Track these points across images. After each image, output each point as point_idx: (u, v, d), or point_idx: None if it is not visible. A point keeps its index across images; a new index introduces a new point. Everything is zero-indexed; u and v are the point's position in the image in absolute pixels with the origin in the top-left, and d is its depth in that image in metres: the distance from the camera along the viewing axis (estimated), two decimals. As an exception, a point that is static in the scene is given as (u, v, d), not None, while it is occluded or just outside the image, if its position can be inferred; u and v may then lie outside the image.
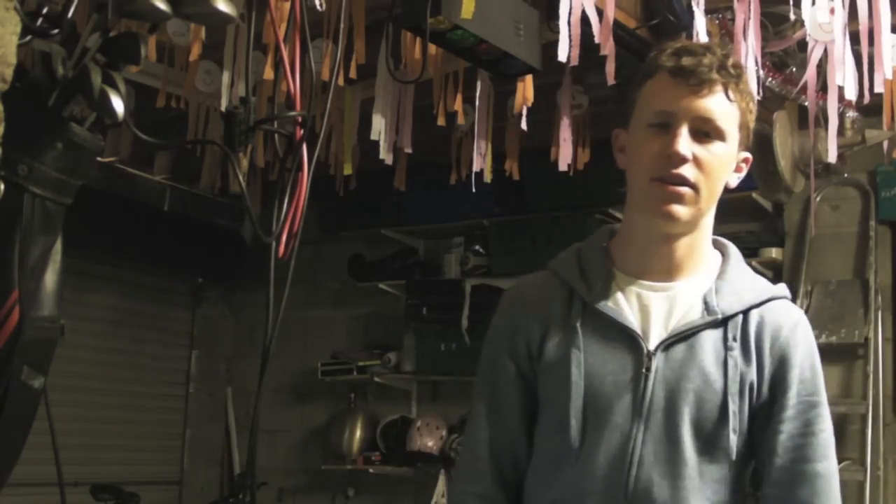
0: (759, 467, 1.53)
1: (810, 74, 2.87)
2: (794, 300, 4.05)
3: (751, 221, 4.41)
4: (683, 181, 1.47)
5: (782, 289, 1.59)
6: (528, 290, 1.64)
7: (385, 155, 3.13)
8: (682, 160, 1.46)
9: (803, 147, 3.61)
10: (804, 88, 2.98)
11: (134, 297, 5.56)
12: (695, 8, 2.73)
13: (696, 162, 1.47)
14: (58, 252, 1.46)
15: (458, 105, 3.12)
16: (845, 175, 3.97)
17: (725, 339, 1.50)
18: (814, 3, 2.72)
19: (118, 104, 1.41)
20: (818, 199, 4.07)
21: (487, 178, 3.36)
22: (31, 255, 1.41)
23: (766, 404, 1.50)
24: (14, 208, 1.38)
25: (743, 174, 1.60)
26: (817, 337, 4.36)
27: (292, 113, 1.74)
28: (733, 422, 1.47)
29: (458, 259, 4.90)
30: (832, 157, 3.03)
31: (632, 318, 1.52)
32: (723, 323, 1.51)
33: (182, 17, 1.56)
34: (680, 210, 1.48)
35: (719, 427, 1.47)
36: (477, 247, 4.86)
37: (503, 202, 4.62)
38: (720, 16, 3.08)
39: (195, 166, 4.17)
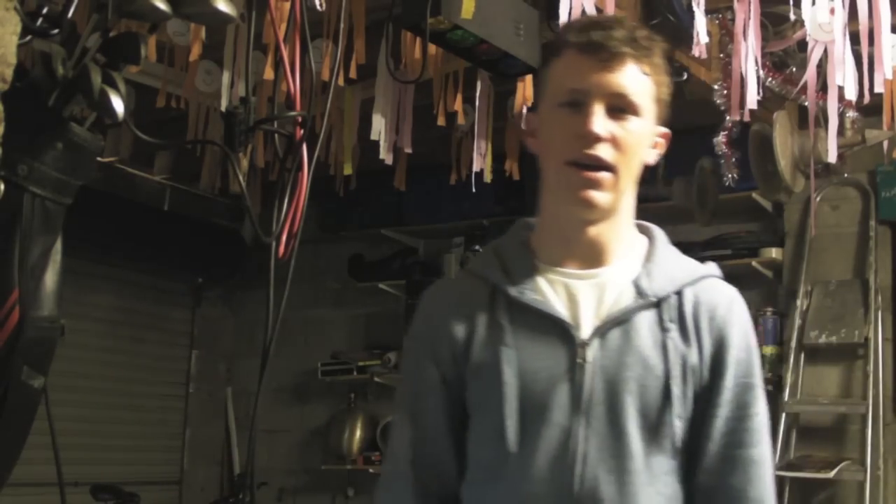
0: (692, 452, 1.43)
1: (810, 74, 2.87)
2: (794, 300, 4.12)
3: (751, 221, 4.41)
4: (600, 163, 1.39)
5: (713, 268, 1.51)
6: (447, 292, 1.56)
7: (385, 155, 3.13)
8: (598, 139, 1.38)
9: (803, 147, 3.60)
10: (804, 88, 2.98)
11: (134, 297, 5.56)
12: (695, 8, 2.72)
13: (613, 141, 1.40)
14: (58, 252, 1.46)
15: (458, 105, 3.12)
16: (845, 175, 3.97)
17: (661, 321, 1.42)
18: (814, 3, 2.71)
19: (118, 104, 1.41)
20: (818, 199, 4.07)
21: (487, 178, 3.36)
22: (31, 255, 1.41)
23: (706, 387, 1.42)
24: (14, 208, 1.38)
25: (661, 150, 1.51)
26: (817, 337, 4.36)
27: (292, 113, 1.74)
28: (678, 407, 1.39)
29: (458, 259, 4.90)
30: (832, 157, 3.03)
31: (561, 309, 1.43)
32: (656, 305, 1.43)
33: (182, 17, 1.56)
34: (598, 196, 1.40)
35: (664, 414, 1.39)
36: (477, 247, 4.86)
37: (503, 202, 4.62)
38: (720, 16, 3.08)
39: (195, 166, 4.16)
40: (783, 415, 4.00)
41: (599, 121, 1.39)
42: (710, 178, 3.98)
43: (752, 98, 2.82)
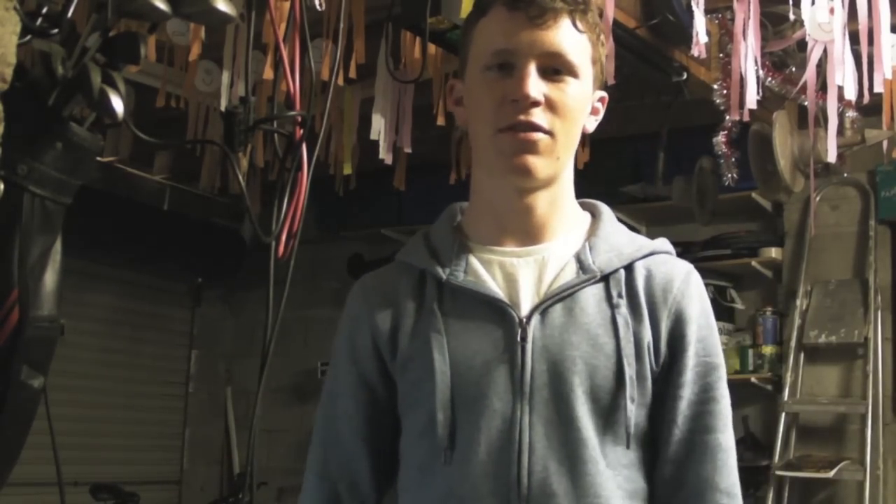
0: (653, 437, 1.30)
1: (810, 74, 2.88)
2: (793, 300, 4.12)
3: (750, 221, 4.41)
4: (536, 128, 1.25)
5: (665, 243, 1.38)
6: (371, 284, 1.41)
7: (385, 155, 3.13)
8: (533, 104, 1.25)
9: (803, 147, 3.61)
10: (804, 88, 2.99)
11: (134, 297, 5.56)
12: (695, 8, 2.73)
13: (549, 104, 1.26)
14: (58, 252, 1.46)
15: (457, 105, 3.11)
16: (845, 175, 3.97)
17: (609, 296, 1.29)
18: (813, 2, 2.72)
19: (118, 104, 1.41)
20: (818, 198, 4.07)
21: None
22: (31, 255, 1.41)
23: (665, 368, 1.29)
24: (14, 208, 1.38)
25: (600, 116, 1.38)
26: (817, 336, 4.36)
27: (292, 113, 1.74)
28: (630, 389, 1.24)
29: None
30: (832, 156, 3.03)
31: (496, 288, 1.30)
32: (603, 281, 1.30)
33: (182, 16, 1.56)
34: (535, 161, 1.26)
35: (617, 397, 1.25)
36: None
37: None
38: (720, 16, 3.09)
39: (195, 166, 4.17)
40: (783, 414, 4.01)
41: (534, 83, 1.25)
42: (710, 178, 3.98)
43: (752, 98, 2.82)
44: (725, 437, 1.30)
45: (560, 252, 1.33)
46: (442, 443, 1.26)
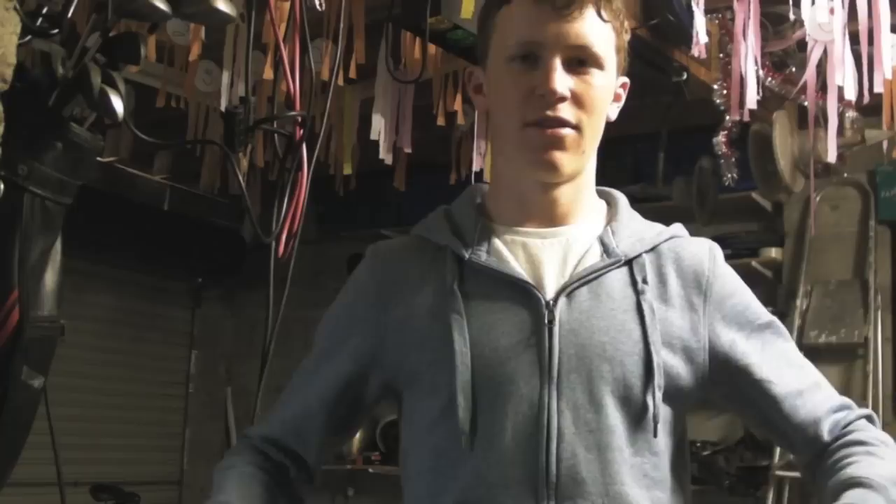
0: (755, 416, 1.32)
1: (810, 74, 2.87)
2: (793, 300, 4.12)
3: (751, 221, 4.42)
4: (563, 123, 1.24)
5: (681, 228, 1.37)
6: (388, 255, 1.38)
7: (385, 155, 3.13)
8: (560, 99, 1.23)
9: (803, 147, 3.61)
10: (804, 88, 2.98)
11: (134, 297, 5.56)
12: (695, 8, 2.73)
13: (575, 98, 1.25)
14: (58, 252, 1.46)
15: (458, 105, 3.12)
16: (845, 175, 3.97)
17: (634, 282, 1.27)
18: (813, 3, 2.72)
19: (118, 104, 1.41)
20: (818, 199, 4.07)
21: (487, 177, 3.36)
22: (31, 255, 1.41)
23: (722, 353, 1.28)
24: (14, 208, 1.38)
25: (621, 103, 1.36)
26: (817, 337, 4.37)
27: (292, 113, 1.74)
28: (658, 377, 1.22)
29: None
30: (832, 157, 3.03)
31: (520, 270, 1.27)
32: (627, 265, 1.28)
33: (182, 17, 1.56)
34: (562, 157, 1.25)
35: (645, 385, 1.22)
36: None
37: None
38: (720, 16, 3.08)
39: (195, 166, 4.16)
40: (783, 415, 4.00)
41: (560, 77, 1.24)
42: (710, 178, 3.98)
43: (752, 98, 2.82)
44: (810, 367, 1.32)
45: (583, 235, 1.32)
46: (463, 427, 1.22)
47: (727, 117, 3.26)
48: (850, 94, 2.79)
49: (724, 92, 3.10)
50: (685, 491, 1.30)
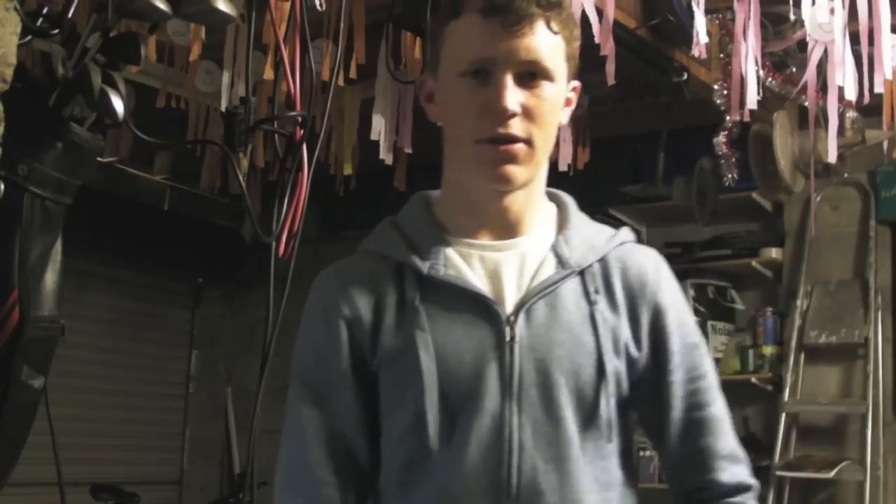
0: (652, 423, 1.37)
1: (810, 74, 2.87)
2: (794, 300, 4.12)
3: (751, 221, 4.41)
4: (515, 139, 1.26)
5: (628, 232, 1.40)
6: (346, 274, 1.37)
7: (385, 155, 3.13)
8: (511, 115, 1.25)
9: (803, 147, 3.60)
10: (804, 88, 2.98)
11: (134, 297, 5.56)
12: (695, 8, 2.72)
13: (526, 113, 1.26)
14: (58, 252, 1.46)
15: (458, 105, 3.11)
16: (845, 175, 3.97)
17: (587, 292, 1.31)
18: (814, 3, 2.72)
19: (118, 104, 1.41)
20: (818, 199, 4.07)
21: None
22: (31, 255, 1.41)
23: (649, 357, 1.33)
24: (14, 208, 1.38)
25: (573, 107, 1.38)
26: (817, 337, 4.36)
27: (292, 113, 1.74)
28: (611, 384, 1.28)
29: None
30: (832, 157, 3.03)
31: (479, 283, 1.29)
32: (580, 274, 1.32)
33: (182, 17, 1.56)
34: (515, 170, 1.27)
35: (598, 394, 1.27)
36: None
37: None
38: (720, 16, 3.08)
39: (195, 166, 4.16)
40: (783, 415, 4.01)
41: (511, 94, 1.25)
42: (710, 178, 3.98)
43: (752, 98, 2.82)
44: (718, 408, 1.36)
45: (537, 245, 1.34)
46: (434, 443, 1.25)
47: (727, 117, 3.26)
48: (851, 94, 2.78)
49: (725, 92, 3.10)
50: (633, 487, 1.35)
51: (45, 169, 1.40)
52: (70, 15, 1.45)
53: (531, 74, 1.27)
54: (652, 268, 1.37)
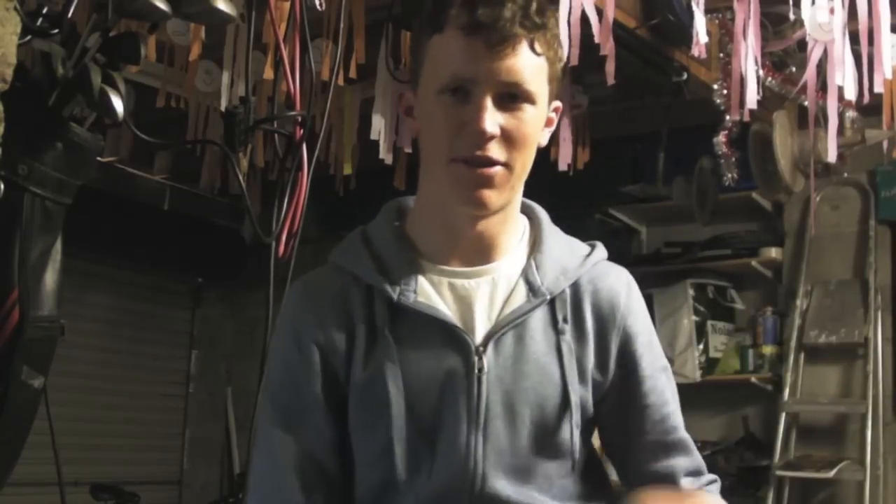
0: (616, 444, 1.37)
1: (810, 74, 2.87)
2: (793, 300, 4.12)
3: (751, 221, 4.41)
4: (492, 162, 1.23)
5: (601, 249, 1.38)
6: (317, 294, 1.34)
7: (385, 155, 3.13)
8: (490, 138, 1.22)
9: (803, 147, 3.61)
10: (804, 88, 2.98)
11: (134, 297, 5.56)
12: (695, 8, 2.73)
13: (505, 135, 1.23)
14: (58, 252, 1.46)
15: (457, 105, 3.11)
16: (845, 175, 3.97)
17: (555, 321, 1.30)
18: (814, 3, 2.72)
19: (118, 104, 1.41)
20: (818, 199, 4.07)
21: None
22: (31, 255, 1.41)
23: (617, 381, 1.33)
24: (14, 208, 1.38)
25: (553, 127, 1.34)
26: (817, 336, 4.36)
27: (292, 113, 1.74)
28: (575, 416, 1.28)
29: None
30: (832, 157, 3.03)
31: (449, 312, 1.28)
32: (549, 303, 1.30)
33: (182, 16, 1.56)
34: (491, 195, 1.24)
35: (561, 424, 1.28)
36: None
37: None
38: (720, 16, 3.09)
39: (195, 166, 4.17)
40: (783, 414, 4.01)
41: (490, 116, 1.22)
42: (710, 178, 3.98)
43: (752, 98, 2.82)
44: (683, 429, 1.37)
45: (508, 271, 1.32)
46: (401, 474, 1.26)
47: (727, 117, 3.26)
48: (850, 94, 2.79)
49: (724, 92, 3.10)
50: (600, 498, 1.35)
51: (45, 169, 1.40)
52: (70, 15, 1.45)
53: (512, 96, 1.24)
54: (623, 292, 1.35)
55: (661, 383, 1.36)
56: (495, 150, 1.23)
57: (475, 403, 1.26)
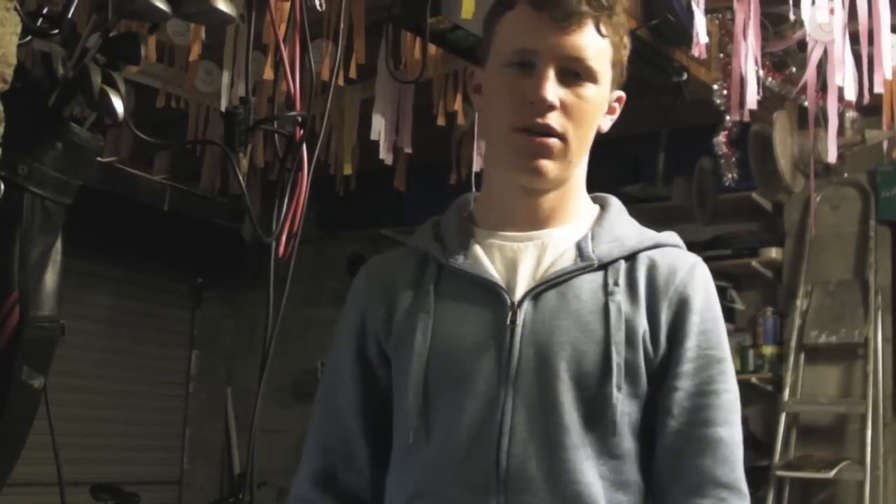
0: (648, 428, 1.28)
1: (810, 74, 2.88)
2: (794, 300, 4.13)
3: (751, 221, 4.42)
4: (550, 131, 1.27)
5: (673, 236, 1.36)
6: (376, 268, 1.44)
7: (385, 155, 3.13)
8: (549, 108, 1.26)
9: (803, 147, 3.61)
10: (804, 88, 2.99)
11: (134, 297, 5.57)
12: (695, 8, 2.73)
13: (564, 108, 1.27)
14: (58, 252, 1.46)
15: (458, 105, 3.12)
16: (845, 175, 3.97)
17: (606, 284, 1.28)
18: (814, 3, 2.72)
19: (118, 104, 1.41)
20: (818, 199, 4.08)
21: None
22: (31, 255, 1.41)
23: (663, 357, 1.27)
24: (14, 208, 1.38)
25: (616, 116, 1.39)
26: (817, 337, 4.36)
27: (292, 113, 1.74)
28: (617, 377, 1.23)
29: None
30: (832, 157, 3.03)
31: (493, 271, 1.30)
32: (602, 269, 1.29)
33: (182, 17, 1.56)
34: (548, 165, 1.28)
35: (603, 385, 1.23)
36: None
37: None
38: (720, 16, 3.08)
39: (195, 166, 4.17)
40: (783, 414, 4.01)
41: (551, 87, 1.26)
42: (710, 178, 3.98)
43: (752, 98, 2.82)
44: (729, 432, 1.29)
45: (561, 239, 1.33)
46: (412, 423, 1.28)
47: (727, 117, 3.26)
48: (850, 94, 2.79)
49: (724, 92, 3.10)
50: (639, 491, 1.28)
51: (45, 169, 1.40)
52: (70, 15, 1.45)
53: (574, 74, 1.28)
54: (684, 269, 1.31)
55: (707, 372, 1.27)
56: (554, 120, 1.27)
57: (506, 355, 1.26)
